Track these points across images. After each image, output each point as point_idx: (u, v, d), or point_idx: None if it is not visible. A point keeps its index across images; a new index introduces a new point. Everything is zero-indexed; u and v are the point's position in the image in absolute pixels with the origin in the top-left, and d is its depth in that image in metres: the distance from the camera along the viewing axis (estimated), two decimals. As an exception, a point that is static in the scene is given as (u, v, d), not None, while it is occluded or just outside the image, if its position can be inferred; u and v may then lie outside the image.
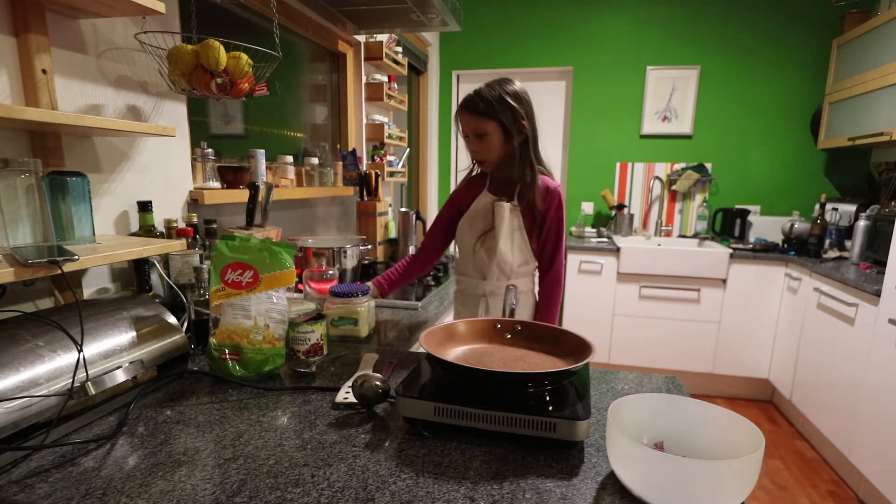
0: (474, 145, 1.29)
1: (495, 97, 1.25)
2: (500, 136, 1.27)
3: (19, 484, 0.63)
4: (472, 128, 1.27)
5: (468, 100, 1.27)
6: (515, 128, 1.27)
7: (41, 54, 0.95)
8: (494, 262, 1.34)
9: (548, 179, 1.33)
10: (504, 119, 1.25)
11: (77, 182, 0.93)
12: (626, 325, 3.02)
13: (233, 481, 0.64)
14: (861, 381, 2.03)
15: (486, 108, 1.25)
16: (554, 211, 1.33)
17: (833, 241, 2.69)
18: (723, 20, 3.12)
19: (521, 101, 1.28)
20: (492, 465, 0.68)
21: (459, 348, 0.92)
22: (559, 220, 1.34)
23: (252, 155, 1.54)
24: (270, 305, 0.97)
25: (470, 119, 1.27)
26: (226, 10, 1.60)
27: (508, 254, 1.33)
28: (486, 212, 1.33)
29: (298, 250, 1.37)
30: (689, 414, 0.68)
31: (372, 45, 2.37)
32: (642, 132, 3.34)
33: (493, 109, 1.24)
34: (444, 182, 3.74)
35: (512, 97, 1.26)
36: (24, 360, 0.73)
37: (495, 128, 1.26)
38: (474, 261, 1.38)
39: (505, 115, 1.25)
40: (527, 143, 1.30)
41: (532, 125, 1.30)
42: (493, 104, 1.24)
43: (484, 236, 1.33)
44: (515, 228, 1.32)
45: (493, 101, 1.24)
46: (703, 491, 0.55)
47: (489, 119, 1.25)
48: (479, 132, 1.26)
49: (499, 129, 1.26)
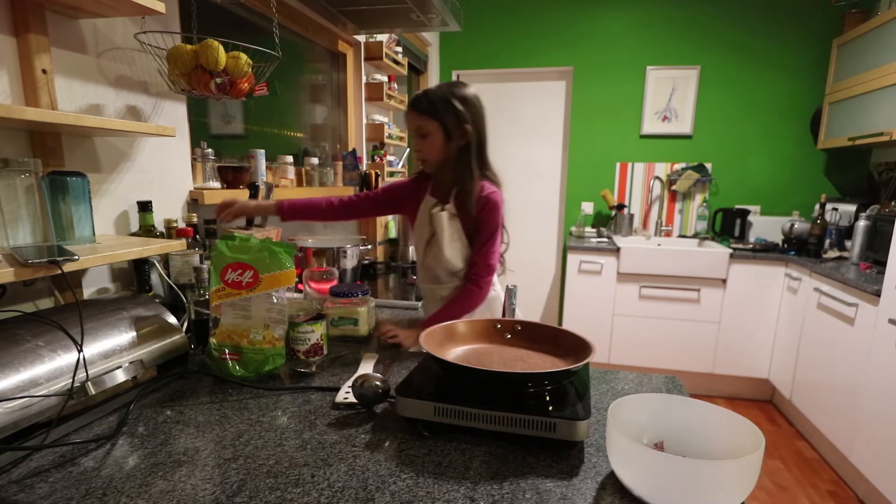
0: (417, 144, 1.28)
1: (440, 98, 1.23)
2: (441, 137, 1.25)
3: (19, 484, 0.63)
4: (415, 126, 1.26)
5: (414, 98, 1.26)
6: (458, 131, 1.24)
7: (41, 54, 0.95)
8: (441, 268, 1.33)
9: (487, 185, 1.28)
10: (446, 120, 1.23)
11: (77, 182, 0.93)
12: (626, 325, 3.02)
13: (233, 481, 0.64)
14: (861, 381, 2.03)
15: (429, 107, 1.23)
16: (486, 216, 1.27)
17: (833, 241, 2.69)
18: (723, 20, 3.12)
19: (467, 105, 1.24)
20: (492, 465, 0.68)
21: (459, 348, 0.92)
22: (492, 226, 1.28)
23: (252, 155, 1.54)
24: (270, 305, 0.97)
25: (414, 117, 1.26)
26: (226, 10, 1.60)
27: (454, 259, 1.30)
28: (427, 220, 1.32)
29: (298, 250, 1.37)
30: (689, 414, 0.68)
31: (372, 45, 2.37)
32: (642, 132, 3.34)
33: (436, 109, 1.23)
34: (444, 182, 3.73)
35: (458, 100, 1.24)
36: (24, 360, 0.73)
37: (436, 128, 1.24)
38: (425, 267, 1.37)
39: (447, 117, 1.23)
40: (468, 148, 1.26)
41: (478, 131, 1.27)
42: (437, 104, 1.23)
43: (429, 243, 1.32)
44: (456, 236, 1.30)
45: (436, 102, 1.23)
46: (703, 491, 0.55)
47: (431, 118, 1.24)
48: (422, 131, 1.25)
49: (440, 130, 1.24)
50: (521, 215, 3.63)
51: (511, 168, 3.60)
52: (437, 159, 1.28)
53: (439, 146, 1.26)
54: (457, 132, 1.25)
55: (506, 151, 3.60)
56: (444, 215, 1.28)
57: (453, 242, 1.30)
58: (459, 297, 1.29)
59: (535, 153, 3.58)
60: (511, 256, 1.45)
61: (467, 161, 1.27)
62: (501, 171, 1.37)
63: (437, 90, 1.25)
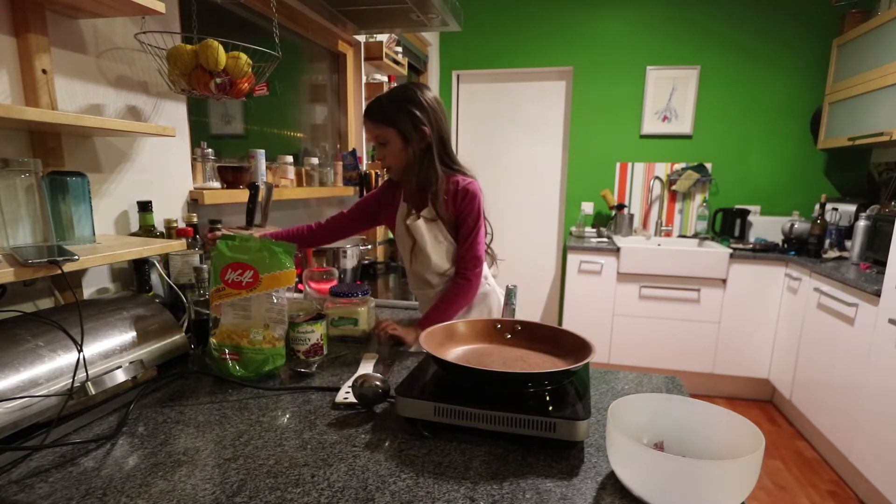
0: (378, 153, 1.27)
1: (392, 104, 1.22)
2: (399, 144, 1.24)
3: (19, 484, 0.63)
4: (373, 135, 1.25)
5: (368, 106, 1.25)
6: (416, 134, 1.23)
7: (41, 54, 0.95)
8: (430, 272, 1.32)
9: (461, 177, 1.27)
10: (402, 126, 1.22)
11: (77, 182, 0.93)
12: (626, 325, 3.02)
13: (233, 481, 0.64)
14: (861, 381, 2.03)
15: (382, 115, 1.22)
16: (465, 208, 1.26)
17: (833, 241, 2.69)
18: (723, 20, 3.12)
19: (420, 108, 1.22)
20: (492, 465, 0.68)
21: (459, 348, 0.92)
22: (473, 217, 1.27)
23: (252, 155, 1.54)
24: (270, 305, 0.97)
25: (370, 126, 1.25)
26: (226, 10, 1.60)
27: (441, 262, 1.30)
28: (405, 230, 1.31)
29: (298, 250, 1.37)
30: (689, 414, 0.68)
31: (372, 45, 2.37)
32: (642, 132, 3.34)
33: (389, 116, 1.22)
34: (444, 182, 3.73)
35: (412, 103, 1.22)
36: (24, 360, 0.73)
37: (394, 134, 1.23)
38: (415, 274, 1.36)
39: (403, 122, 1.22)
40: (430, 150, 1.25)
41: (438, 130, 1.25)
42: (389, 111, 1.22)
43: (413, 251, 1.32)
44: (440, 238, 1.29)
45: (388, 109, 1.22)
46: (703, 491, 0.55)
47: (386, 126, 1.22)
48: (381, 139, 1.24)
49: (398, 136, 1.23)
50: (521, 215, 3.63)
51: (511, 168, 3.60)
52: (399, 165, 1.27)
53: (398, 152, 1.25)
54: (415, 136, 1.23)
55: (506, 151, 3.59)
56: (420, 223, 1.27)
57: (437, 245, 1.29)
58: (450, 292, 1.29)
59: (535, 153, 3.58)
60: (511, 256, 1.45)
61: (430, 162, 1.25)
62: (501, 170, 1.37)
63: (391, 95, 1.24)
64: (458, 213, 1.26)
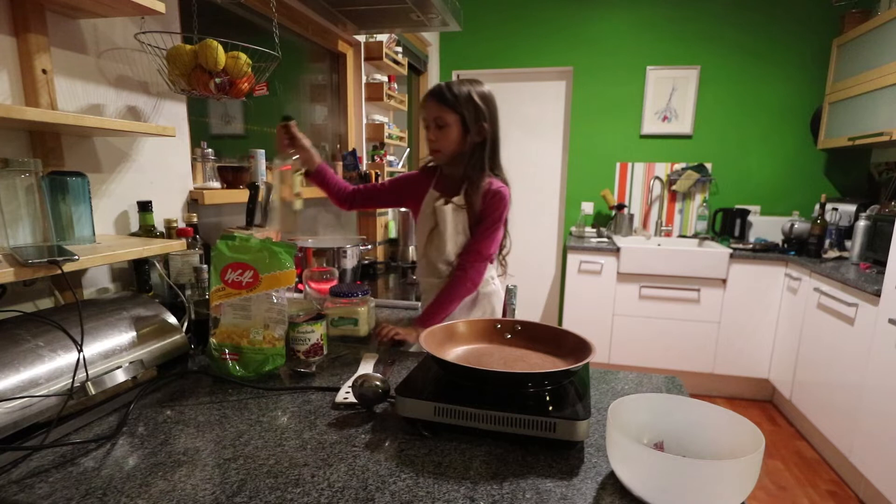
0: (433, 134, 1.29)
1: (463, 92, 1.25)
2: (458, 131, 1.27)
3: (19, 484, 0.63)
4: (435, 116, 1.27)
5: (436, 88, 1.27)
6: (476, 127, 1.26)
7: (41, 54, 0.95)
8: (443, 260, 1.33)
9: (496, 180, 1.30)
10: (466, 114, 1.25)
11: (77, 182, 0.93)
12: (626, 325, 3.02)
13: (233, 481, 0.64)
14: (861, 381, 2.03)
15: (451, 99, 1.25)
16: (489, 207, 1.28)
17: (833, 241, 2.69)
18: (723, 20, 3.11)
19: (487, 103, 1.27)
20: (492, 465, 0.68)
21: (459, 348, 0.92)
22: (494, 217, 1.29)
23: (252, 155, 1.54)
24: (270, 305, 0.97)
25: (434, 106, 1.26)
26: (226, 10, 1.60)
27: (455, 251, 1.32)
28: (431, 212, 1.33)
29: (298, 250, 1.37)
30: (689, 414, 0.68)
31: (372, 45, 2.37)
32: (642, 132, 3.34)
33: (458, 102, 1.25)
34: (444, 182, 3.73)
35: (479, 97, 1.26)
36: (24, 360, 0.73)
37: (456, 120, 1.26)
38: (427, 261, 1.37)
39: (468, 111, 1.25)
40: (483, 146, 1.28)
41: (493, 130, 1.29)
42: (460, 98, 1.25)
43: (431, 235, 1.33)
44: (460, 228, 1.31)
45: (459, 95, 1.25)
46: (703, 491, 0.55)
47: (452, 111, 1.25)
48: (440, 122, 1.26)
49: (459, 123, 1.26)
50: (521, 215, 3.63)
51: (511, 168, 3.57)
52: (451, 151, 1.29)
53: (455, 138, 1.27)
54: (475, 128, 1.26)
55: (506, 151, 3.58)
56: (448, 208, 1.29)
57: (456, 235, 1.31)
58: (448, 285, 1.30)
59: (535, 153, 3.58)
60: (511, 256, 1.45)
61: (480, 158, 1.29)
62: (502, 170, 1.37)
63: (460, 84, 1.27)
64: (483, 210, 1.29)
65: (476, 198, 1.27)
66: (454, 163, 1.31)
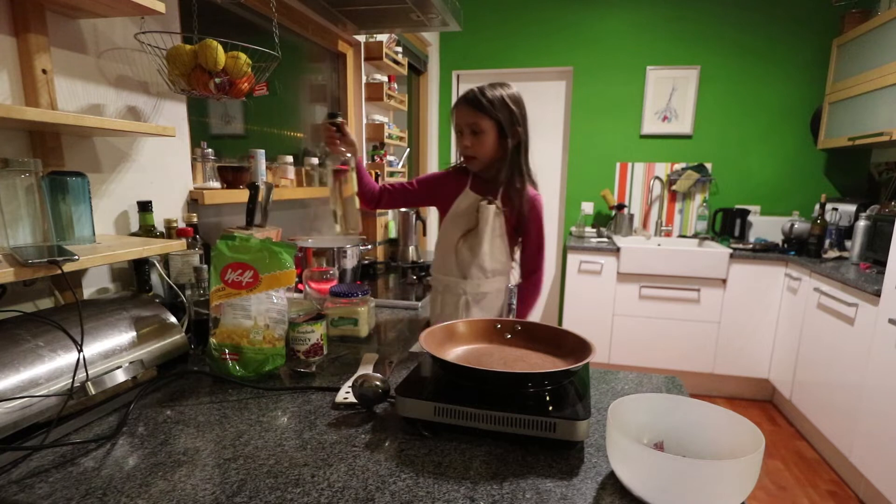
0: (468, 140, 1.29)
1: (497, 97, 1.25)
2: (494, 136, 1.27)
3: (19, 484, 0.63)
4: (469, 122, 1.26)
5: (470, 94, 1.27)
6: (511, 131, 1.27)
7: (41, 54, 0.95)
8: (475, 262, 1.34)
9: (530, 188, 1.35)
10: (502, 119, 1.26)
11: (77, 182, 0.93)
12: (626, 325, 3.02)
13: (233, 481, 0.64)
14: (861, 381, 2.03)
15: (487, 105, 1.25)
16: (533, 216, 1.35)
17: (833, 241, 2.69)
18: (723, 20, 3.12)
19: (519, 106, 1.29)
20: (492, 465, 0.68)
21: (459, 348, 0.92)
22: (540, 226, 1.37)
23: (252, 155, 1.54)
24: (270, 305, 0.97)
25: (468, 113, 1.26)
26: (226, 10, 1.60)
27: (489, 255, 1.33)
28: (470, 211, 1.33)
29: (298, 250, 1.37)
30: (689, 414, 0.68)
31: (372, 45, 2.37)
32: (642, 132, 3.34)
33: (493, 108, 1.25)
34: (444, 182, 3.73)
35: (511, 100, 1.27)
36: (24, 360, 0.73)
37: (492, 126, 1.26)
38: (456, 260, 1.37)
39: (503, 116, 1.26)
40: (519, 149, 1.30)
41: (525, 133, 1.31)
42: (495, 103, 1.25)
43: (467, 235, 1.33)
44: (497, 232, 1.33)
45: (493, 100, 1.25)
46: (703, 491, 0.55)
47: (487, 117, 1.25)
48: (475, 128, 1.26)
49: (495, 129, 1.27)
50: (521, 215, 3.63)
51: (511, 168, 3.60)
52: (487, 157, 1.30)
53: (491, 144, 1.28)
54: (510, 132, 1.27)
55: (506, 151, 3.60)
56: (491, 209, 1.31)
57: (495, 239, 1.34)
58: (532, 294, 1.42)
59: (535, 153, 3.56)
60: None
61: (518, 162, 1.31)
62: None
63: (492, 89, 1.27)
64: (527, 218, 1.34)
65: (519, 203, 1.30)
66: (490, 167, 1.32)
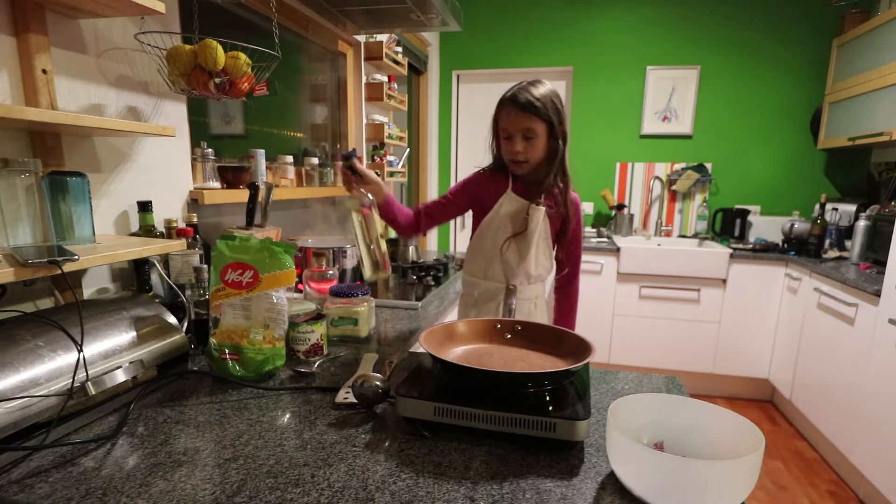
0: (519, 146, 1.21)
1: (545, 96, 1.18)
2: (545, 138, 1.21)
3: (19, 484, 0.63)
4: (522, 127, 1.19)
5: (521, 98, 1.18)
6: (560, 130, 1.22)
7: (41, 54, 0.95)
8: (522, 267, 1.31)
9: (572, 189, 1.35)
10: (554, 120, 1.20)
11: (77, 182, 0.93)
12: (626, 325, 3.02)
13: (233, 481, 0.64)
14: (861, 381, 2.03)
15: (541, 107, 1.17)
16: (578, 219, 1.35)
17: (833, 241, 2.69)
18: (723, 20, 3.12)
19: (562, 104, 1.23)
20: (492, 465, 0.68)
21: (459, 348, 0.92)
22: (579, 229, 1.37)
23: (252, 155, 1.54)
24: (270, 305, 0.97)
25: (521, 117, 1.18)
26: (226, 10, 1.60)
27: (535, 259, 1.31)
28: (516, 214, 1.28)
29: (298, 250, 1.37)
30: (689, 414, 0.68)
31: (372, 45, 2.37)
32: (642, 132, 3.34)
33: (546, 109, 1.18)
34: (444, 182, 3.73)
35: (557, 99, 1.21)
36: (24, 360, 0.73)
37: (544, 129, 1.20)
38: (502, 264, 1.33)
39: (554, 117, 1.20)
40: (565, 148, 1.25)
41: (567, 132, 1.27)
42: (547, 105, 1.18)
43: (514, 239, 1.28)
44: (545, 235, 1.31)
45: (546, 103, 1.18)
46: (703, 491, 0.55)
47: (541, 119, 1.18)
48: (529, 133, 1.19)
49: (546, 131, 1.20)
50: (521, 215, 3.63)
51: (511, 168, 3.59)
52: (538, 159, 1.24)
53: (543, 146, 1.23)
54: (560, 132, 1.23)
55: (506, 151, 3.59)
56: (541, 212, 1.28)
57: (542, 240, 1.33)
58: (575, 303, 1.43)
59: (535, 153, 3.58)
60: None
61: (563, 163, 1.28)
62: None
63: (536, 89, 1.19)
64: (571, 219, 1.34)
65: (564, 205, 1.30)
66: (540, 169, 1.27)
